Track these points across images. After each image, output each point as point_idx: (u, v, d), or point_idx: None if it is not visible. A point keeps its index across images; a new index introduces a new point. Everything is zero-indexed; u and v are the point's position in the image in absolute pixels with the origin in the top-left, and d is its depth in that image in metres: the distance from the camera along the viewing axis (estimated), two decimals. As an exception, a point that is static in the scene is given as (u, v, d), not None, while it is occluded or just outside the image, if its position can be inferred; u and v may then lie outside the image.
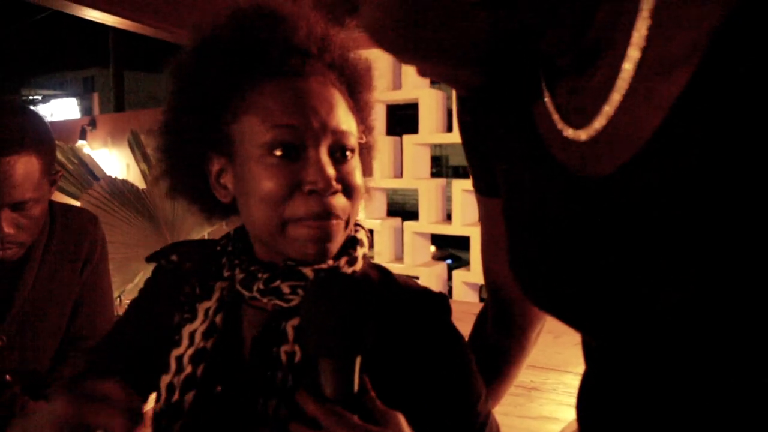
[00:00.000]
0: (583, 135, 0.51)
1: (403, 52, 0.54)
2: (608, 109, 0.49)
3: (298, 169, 0.65)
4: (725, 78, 0.41)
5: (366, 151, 0.78)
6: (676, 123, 0.44)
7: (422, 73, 0.58)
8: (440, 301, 0.74)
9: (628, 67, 0.47)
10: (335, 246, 0.68)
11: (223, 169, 0.71)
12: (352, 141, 0.68)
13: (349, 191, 0.68)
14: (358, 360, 0.57)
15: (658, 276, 0.46)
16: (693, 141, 0.43)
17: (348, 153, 0.68)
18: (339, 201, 0.66)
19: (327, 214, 0.65)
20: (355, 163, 0.69)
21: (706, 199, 0.42)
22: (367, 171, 0.80)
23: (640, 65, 0.46)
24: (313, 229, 0.65)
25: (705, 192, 0.43)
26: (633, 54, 0.46)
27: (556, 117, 0.55)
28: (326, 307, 0.56)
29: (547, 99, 0.57)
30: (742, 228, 0.41)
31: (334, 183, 0.65)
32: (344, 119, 0.68)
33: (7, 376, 1.13)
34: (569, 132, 0.53)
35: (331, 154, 0.67)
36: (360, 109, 0.74)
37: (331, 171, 0.65)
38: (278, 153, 0.65)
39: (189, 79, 0.71)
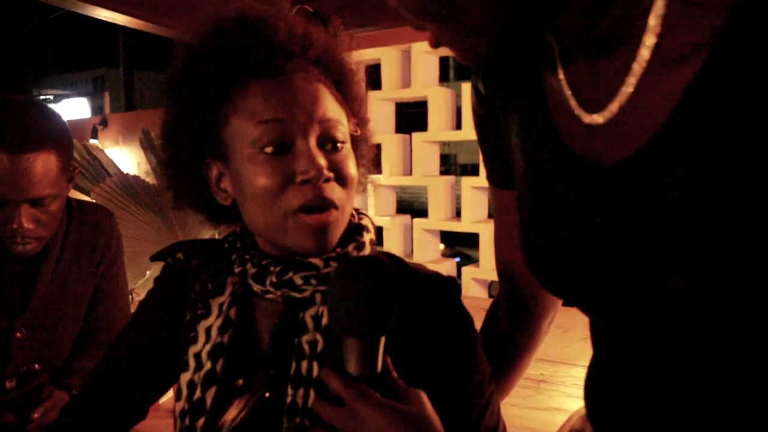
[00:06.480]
0: (599, 119, 0.53)
1: (428, 14, 0.54)
2: (624, 94, 0.50)
3: (288, 162, 0.66)
4: (736, 67, 0.42)
5: (363, 144, 0.79)
6: (687, 110, 0.45)
7: (436, 39, 0.57)
8: (450, 283, 0.76)
9: (645, 53, 0.48)
10: (334, 238, 0.69)
11: (221, 174, 0.73)
12: (341, 130, 0.69)
13: (342, 180, 0.69)
14: (383, 340, 0.58)
15: (664, 260, 0.47)
16: (703, 128, 0.44)
17: (339, 144, 0.69)
18: (334, 189, 0.67)
19: (323, 200, 0.66)
20: (346, 153, 0.70)
21: (714, 186, 0.44)
22: (371, 165, 0.81)
23: (656, 52, 0.48)
24: (311, 222, 0.66)
25: (713, 179, 0.44)
26: (649, 41, 0.48)
27: (573, 102, 0.56)
28: (355, 288, 0.57)
29: (563, 81, 0.57)
30: (750, 216, 0.42)
31: (325, 171, 0.66)
32: (331, 110, 0.69)
33: (36, 365, 1.15)
34: (586, 117, 0.54)
35: (321, 145, 0.68)
36: (350, 102, 0.75)
37: (321, 160, 0.66)
38: (268, 150, 0.66)
39: (180, 90, 0.73)
